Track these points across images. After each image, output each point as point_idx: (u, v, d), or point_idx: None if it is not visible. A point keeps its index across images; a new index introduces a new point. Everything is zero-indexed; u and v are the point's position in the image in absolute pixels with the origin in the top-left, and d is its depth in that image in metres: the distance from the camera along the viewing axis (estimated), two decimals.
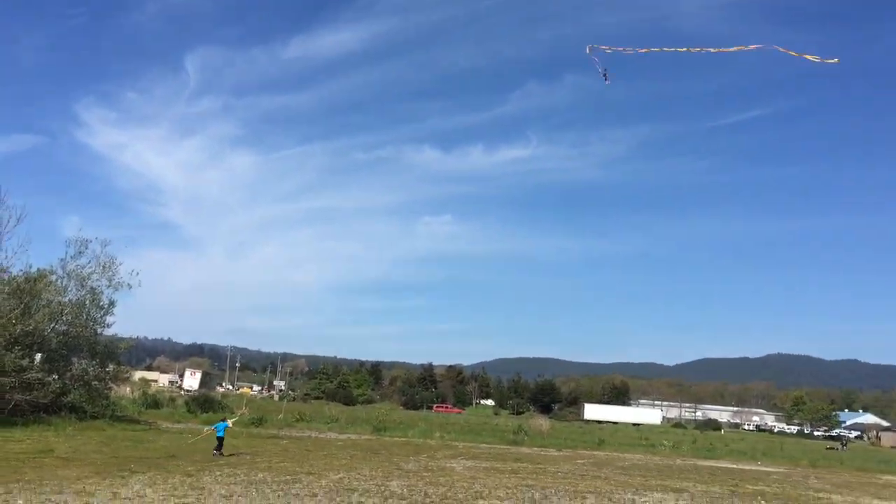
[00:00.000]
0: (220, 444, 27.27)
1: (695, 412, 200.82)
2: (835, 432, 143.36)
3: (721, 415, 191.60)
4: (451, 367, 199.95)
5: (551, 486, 23.84)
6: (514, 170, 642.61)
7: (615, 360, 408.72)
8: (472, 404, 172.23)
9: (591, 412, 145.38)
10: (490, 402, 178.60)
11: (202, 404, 53.93)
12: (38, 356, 36.83)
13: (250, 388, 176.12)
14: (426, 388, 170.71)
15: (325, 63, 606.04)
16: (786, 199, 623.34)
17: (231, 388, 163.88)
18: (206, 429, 31.10)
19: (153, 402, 53.97)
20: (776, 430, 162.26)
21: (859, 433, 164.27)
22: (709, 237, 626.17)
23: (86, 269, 40.34)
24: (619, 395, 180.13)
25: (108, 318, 41.63)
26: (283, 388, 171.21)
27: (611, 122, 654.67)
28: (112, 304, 41.42)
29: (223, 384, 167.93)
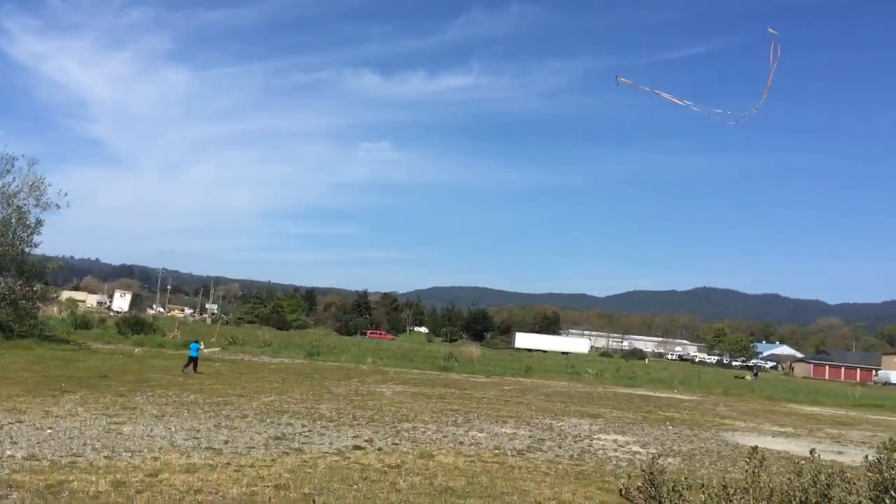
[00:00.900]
0: (190, 363, 30.64)
1: (622, 342, 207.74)
2: (751, 363, 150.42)
3: (647, 345, 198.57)
4: (385, 294, 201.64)
5: (475, 411, 24.96)
6: (455, 98, 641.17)
7: (548, 291, 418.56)
8: (406, 331, 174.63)
9: (522, 341, 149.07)
10: (424, 330, 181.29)
11: (133, 326, 53.74)
12: None
13: (181, 310, 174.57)
14: (360, 314, 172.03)
15: None
16: (719, 135, 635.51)
17: (162, 310, 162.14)
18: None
19: (83, 323, 53.54)
20: (697, 360, 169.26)
21: (774, 364, 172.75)
22: (646, 172, 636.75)
23: (12, 187, 39.46)
24: (551, 325, 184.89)
25: (36, 238, 41.05)
26: (215, 311, 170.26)
27: (554, 53, 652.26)
28: (40, 223, 40.82)
29: (154, 306, 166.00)
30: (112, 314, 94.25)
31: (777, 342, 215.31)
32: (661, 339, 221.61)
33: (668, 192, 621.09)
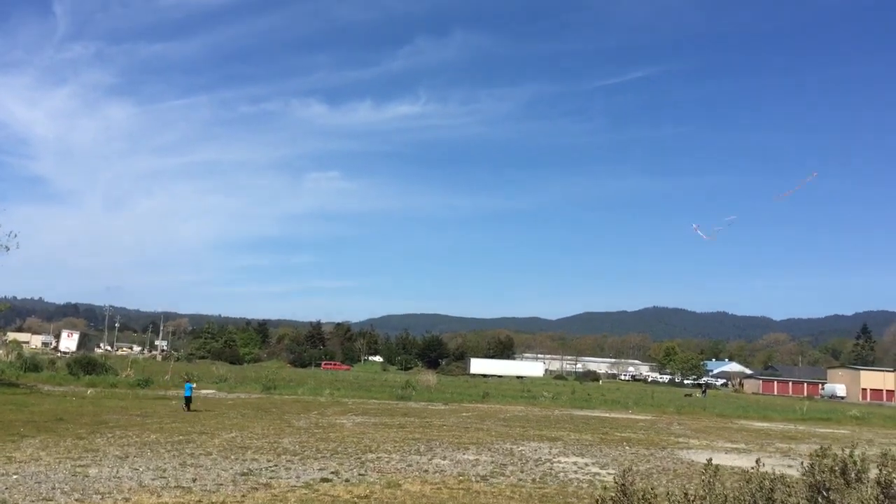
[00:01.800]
0: (187, 402, 32.34)
1: (576, 364, 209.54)
2: (702, 381, 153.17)
3: (600, 366, 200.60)
4: (339, 324, 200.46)
5: (436, 439, 25.32)
6: (403, 126, 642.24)
7: (501, 315, 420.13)
8: (360, 361, 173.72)
9: (477, 366, 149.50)
10: (378, 359, 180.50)
11: (85, 366, 52.77)
12: None
13: (130, 348, 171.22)
14: (314, 345, 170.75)
15: (206, 10, 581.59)
16: (664, 159, 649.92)
17: (110, 349, 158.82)
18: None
19: (32, 366, 52.49)
20: (649, 379, 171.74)
21: (725, 381, 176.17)
22: (593, 195, 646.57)
23: None
24: (505, 350, 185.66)
25: None
26: (165, 348, 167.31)
27: (499, 81, 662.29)
28: None
29: (101, 345, 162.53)
30: (59, 355, 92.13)
31: (726, 359, 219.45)
32: (613, 360, 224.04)
33: (615, 213, 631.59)
